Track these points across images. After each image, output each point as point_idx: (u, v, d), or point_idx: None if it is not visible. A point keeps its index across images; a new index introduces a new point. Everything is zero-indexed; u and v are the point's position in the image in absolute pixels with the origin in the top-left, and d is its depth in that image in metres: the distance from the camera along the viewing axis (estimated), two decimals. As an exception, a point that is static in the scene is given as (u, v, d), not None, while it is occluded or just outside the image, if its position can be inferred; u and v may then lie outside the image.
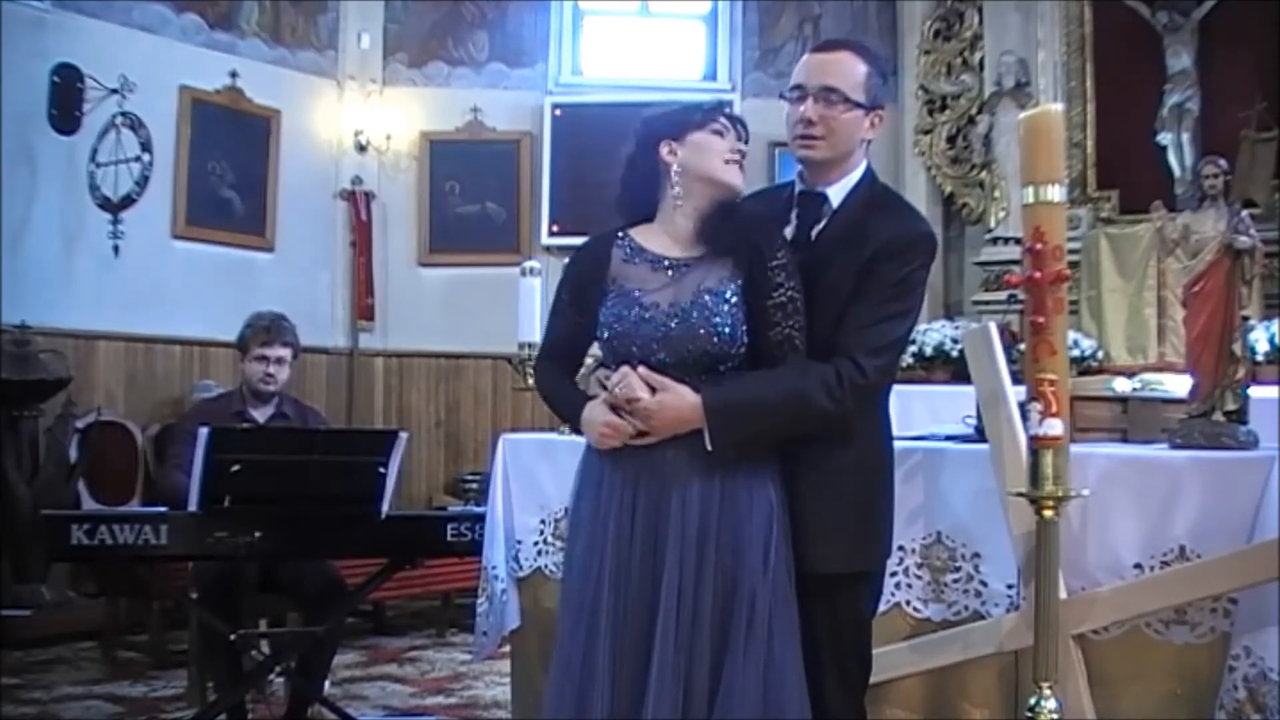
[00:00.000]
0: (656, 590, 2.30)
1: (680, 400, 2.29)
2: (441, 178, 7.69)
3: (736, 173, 2.40)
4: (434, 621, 6.02)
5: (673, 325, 2.33)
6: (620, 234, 2.46)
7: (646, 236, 2.44)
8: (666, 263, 2.39)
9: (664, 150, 2.40)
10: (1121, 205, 7.01)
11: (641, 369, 2.32)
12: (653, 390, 2.30)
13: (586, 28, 8.10)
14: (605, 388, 2.37)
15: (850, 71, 2.44)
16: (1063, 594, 2.47)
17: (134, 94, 6.37)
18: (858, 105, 2.42)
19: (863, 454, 2.42)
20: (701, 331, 2.32)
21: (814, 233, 2.47)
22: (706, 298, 2.34)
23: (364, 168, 7.63)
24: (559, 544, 3.19)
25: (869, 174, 2.50)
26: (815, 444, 2.38)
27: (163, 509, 3.55)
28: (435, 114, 7.72)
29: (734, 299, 2.35)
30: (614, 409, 2.34)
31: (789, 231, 2.47)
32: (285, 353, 4.07)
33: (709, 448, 2.29)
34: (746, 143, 2.45)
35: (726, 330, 2.33)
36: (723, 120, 2.43)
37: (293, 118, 7.32)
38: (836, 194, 2.47)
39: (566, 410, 2.51)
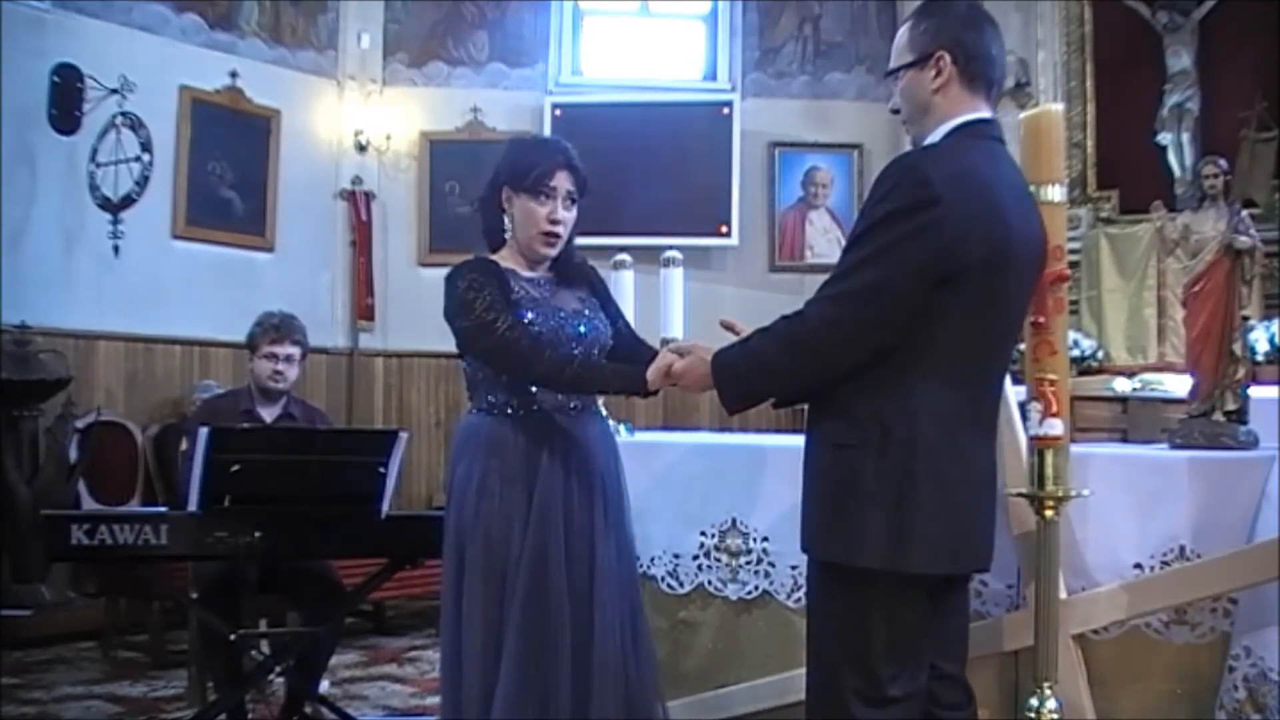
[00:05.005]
0: (592, 557, 2.61)
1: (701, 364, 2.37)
2: (441, 178, 7.68)
3: (549, 243, 2.71)
4: (434, 621, 5.98)
5: (583, 329, 2.71)
6: (489, 258, 2.75)
7: (505, 260, 2.75)
8: (537, 280, 2.74)
9: (503, 196, 2.75)
10: (1121, 205, 7.00)
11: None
12: (680, 356, 2.47)
13: (586, 28, 8.10)
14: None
15: (898, 41, 2.31)
16: (1063, 594, 2.48)
17: (134, 94, 6.37)
18: (908, 66, 2.25)
19: (843, 431, 2.14)
20: (602, 333, 2.76)
21: None
22: (590, 306, 2.77)
23: (364, 168, 7.63)
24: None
25: (943, 137, 2.20)
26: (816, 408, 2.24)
27: (163, 509, 3.54)
28: (435, 114, 7.72)
29: (596, 305, 2.81)
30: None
31: None
32: (294, 351, 4.07)
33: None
34: (583, 193, 2.73)
35: (609, 331, 2.78)
36: (554, 182, 2.68)
37: (293, 118, 7.32)
38: None
39: (619, 378, 2.61)
